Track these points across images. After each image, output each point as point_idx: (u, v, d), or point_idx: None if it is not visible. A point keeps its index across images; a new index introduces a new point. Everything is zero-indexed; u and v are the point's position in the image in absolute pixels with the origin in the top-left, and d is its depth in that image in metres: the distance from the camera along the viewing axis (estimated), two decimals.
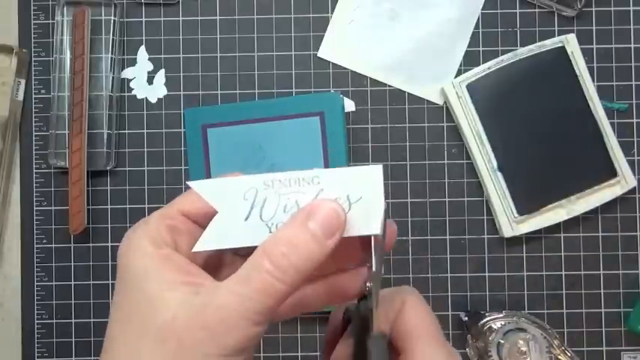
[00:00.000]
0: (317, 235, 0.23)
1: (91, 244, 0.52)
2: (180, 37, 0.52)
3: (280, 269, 0.23)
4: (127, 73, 0.53)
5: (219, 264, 0.28)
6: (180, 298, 0.23)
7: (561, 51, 0.50)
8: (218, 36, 0.52)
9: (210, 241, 0.25)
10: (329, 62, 0.52)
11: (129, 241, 0.26)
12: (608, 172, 0.50)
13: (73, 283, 0.52)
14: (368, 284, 0.26)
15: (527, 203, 0.50)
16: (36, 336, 0.52)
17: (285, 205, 0.25)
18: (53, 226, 0.52)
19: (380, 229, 0.25)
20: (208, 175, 0.51)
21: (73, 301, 0.52)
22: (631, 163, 0.50)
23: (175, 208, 0.27)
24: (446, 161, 0.52)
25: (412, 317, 0.27)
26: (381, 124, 0.52)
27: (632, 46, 0.52)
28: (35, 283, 0.52)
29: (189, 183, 0.26)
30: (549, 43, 0.50)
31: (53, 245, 0.52)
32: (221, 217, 0.25)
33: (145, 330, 0.24)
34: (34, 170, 0.52)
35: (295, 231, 0.24)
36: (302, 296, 0.27)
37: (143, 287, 0.24)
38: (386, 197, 0.25)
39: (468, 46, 0.52)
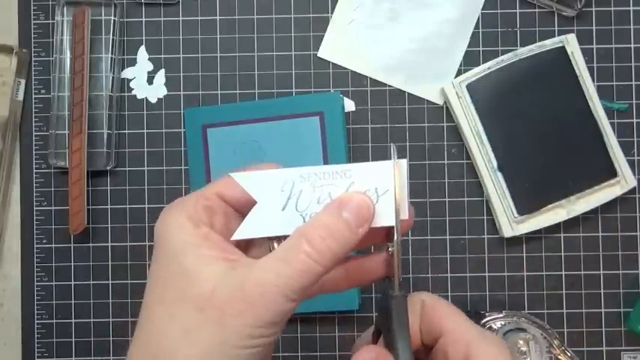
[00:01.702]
0: (350, 224, 0.26)
1: (91, 244, 0.52)
2: (180, 37, 0.52)
3: (318, 252, 0.25)
4: (127, 73, 0.53)
5: (249, 243, 0.29)
6: (218, 271, 0.25)
7: (561, 51, 0.50)
8: (218, 36, 0.52)
9: (249, 229, 0.28)
10: (329, 62, 0.52)
11: (168, 218, 0.27)
12: (608, 172, 0.50)
13: (73, 283, 0.52)
14: (390, 247, 0.28)
15: (527, 203, 0.50)
16: (36, 336, 0.52)
17: (318, 197, 0.28)
18: (53, 226, 0.52)
19: (406, 215, 0.27)
20: (208, 175, 0.51)
21: (73, 301, 0.52)
22: (631, 163, 0.50)
23: (213, 190, 0.28)
24: (446, 161, 0.52)
25: (444, 318, 0.28)
26: (381, 124, 0.52)
27: (632, 46, 0.52)
28: (35, 283, 0.52)
29: (231, 175, 0.28)
30: (549, 43, 0.50)
31: (53, 245, 0.52)
32: (260, 208, 0.28)
33: (183, 298, 0.25)
34: (34, 170, 0.52)
35: (332, 218, 0.26)
36: (324, 279, 0.28)
37: (182, 261, 0.26)
38: None
39: (468, 46, 0.52)
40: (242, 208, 0.29)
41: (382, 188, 0.27)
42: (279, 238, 0.28)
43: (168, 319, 0.26)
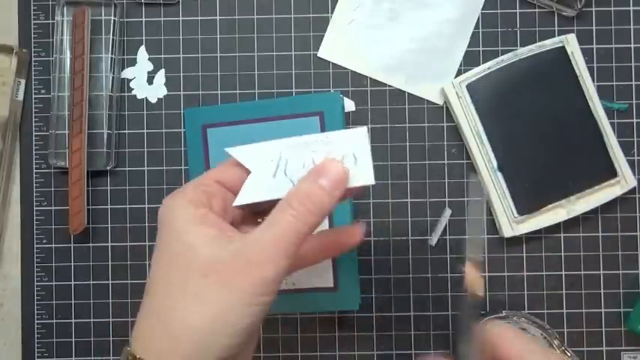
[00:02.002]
0: (326, 189, 0.30)
1: (91, 244, 0.52)
2: (180, 37, 0.52)
3: (301, 213, 0.29)
4: (127, 73, 0.53)
5: (242, 223, 0.33)
6: (219, 244, 0.29)
7: (561, 51, 0.50)
8: (218, 36, 0.52)
9: (246, 195, 0.32)
10: (329, 62, 0.52)
11: (171, 202, 0.31)
12: (608, 172, 0.50)
13: (73, 283, 0.52)
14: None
15: (527, 203, 0.50)
16: (36, 336, 0.52)
17: (303, 163, 0.32)
18: (53, 226, 0.52)
19: (373, 179, 0.31)
20: None
21: (73, 301, 0.52)
22: (631, 163, 0.50)
23: (211, 176, 0.32)
24: (446, 161, 0.52)
25: (515, 346, 0.29)
26: (381, 124, 0.52)
27: (632, 46, 0.52)
28: (35, 283, 0.52)
29: (227, 150, 0.32)
30: (549, 43, 0.50)
31: (53, 245, 0.52)
32: (254, 176, 0.32)
33: (189, 270, 0.29)
34: (34, 170, 0.52)
35: (310, 186, 0.30)
36: (304, 252, 0.32)
37: (185, 240, 0.29)
38: (386, 197, 0.28)
39: (468, 46, 0.52)
40: (239, 190, 0.32)
41: (358, 152, 0.31)
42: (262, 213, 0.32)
43: (177, 290, 0.29)
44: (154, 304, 0.30)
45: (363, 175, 0.31)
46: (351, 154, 0.31)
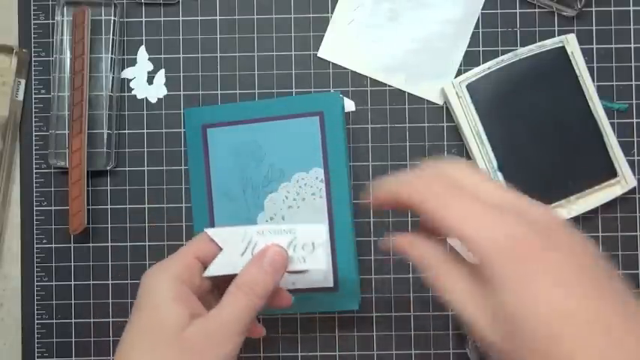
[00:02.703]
0: (270, 274, 0.35)
1: (91, 244, 0.52)
2: (180, 37, 0.52)
3: (251, 298, 0.34)
4: (127, 73, 0.53)
5: (208, 290, 0.38)
6: (190, 324, 0.33)
7: (561, 51, 0.50)
8: (218, 36, 0.52)
9: (216, 267, 0.37)
10: (329, 62, 0.52)
11: (152, 279, 0.35)
12: (608, 172, 0.50)
13: (73, 283, 0.52)
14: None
15: None
16: (36, 336, 0.52)
17: (269, 245, 0.37)
18: (53, 226, 0.52)
19: (324, 266, 0.37)
20: (208, 175, 0.51)
21: (73, 301, 0.52)
22: (631, 163, 0.50)
23: (190, 251, 0.36)
24: None
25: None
26: (381, 124, 0.52)
27: (632, 46, 0.52)
28: (35, 283, 0.52)
29: (206, 230, 0.37)
30: (549, 43, 0.50)
31: (53, 245, 0.52)
32: (225, 253, 0.37)
33: (161, 343, 0.33)
34: (34, 170, 0.52)
35: (257, 271, 0.35)
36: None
37: (162, 317, 0.33)
38: None
39: (468, 46, 0.52)
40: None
41: (317, 242, 0.37)
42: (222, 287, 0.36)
43: (148, 358, 0.33)
44: None
45: (316, 261, 0.37)
46: (310, 243, 0.37)
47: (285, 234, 0.37)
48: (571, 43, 0.50)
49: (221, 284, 0.37)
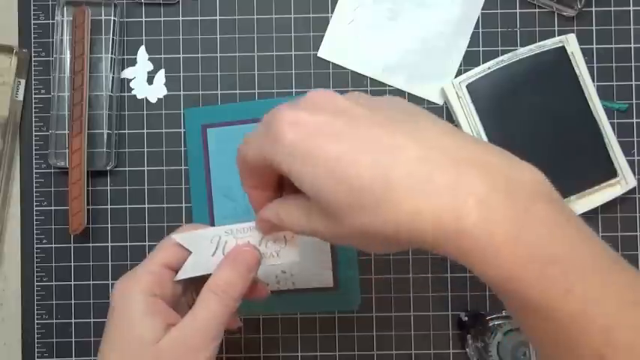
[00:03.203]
0: (243, 276, 0.35)
1: (90, 244, 0.52)
2: (180, 37, 0.52)
3: (224, 300, 0.34)
4: (127, 73, 0.53)
5: (180, 294, 0.38)
6: (164, 334, 0.34)
7: (561, 51, 0.50)
8: (218, 36, 0.52)
9: (187, 271, 0.36)
10: (329, 62, 0.52)
11: (124, 291, 0.35)
12: (608, 172, 0.50)
13: (73, 283, 0.52)
14: None
15: None
16: (36, 336, 0.52)
17: (240, 245, 0.36)
18: (53, 226, 0.52)
19: (297, 258, 0.36)
20: (208, 175, 0.51)
21: (72, 301, 0.52)
22: (631, 163, 0.50)
23: (157, 261, 0.36)
24: None
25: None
26: None
27: (632, 46, 0.52)
28: (35, 283, 0.52)
29: (173, 236, 0.37)
30: (549, 43, 0.50)
31: (53, 245, 0.52)
32: (194, 255, 0.36)
33: (135, 354, 0.33)
34: (34, 170, 0.52)
35: (230, 274, 0.35)
36: None
37: (136, 330, 0.34)
38: None
39: (468, 46, 0.52)
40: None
41: (288, 235, 0.36)
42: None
43: None
44: None
45: (288, 254, 0.37)
46: (282, 237, 0.36)
47: (254, 231, 0.36)
48: (571, 43, 0.50)
49: (196, 283, 0.37)
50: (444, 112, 0.52)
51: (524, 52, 0.50)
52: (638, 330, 0.25)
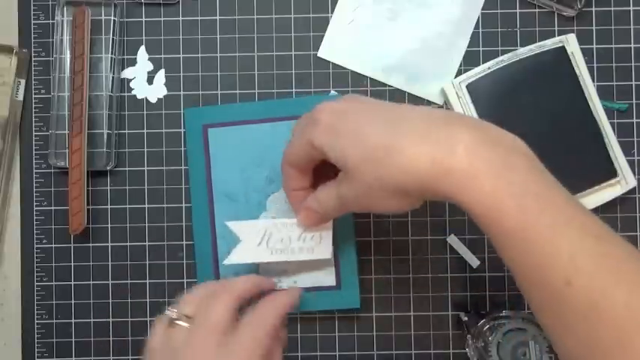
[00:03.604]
0: (280, 317, 0.39)
1: (91, 244, 0.52)
2: (180, 37, 0.52)
3: (259, 337, 0.37)
4: (127, 73, 0.53)
5: None
6: None
7: (561, 51, 0.50)
8: (218, 36, 0.52)
9: (235, 257, 0.44)
10: (329, 62, 0.52)
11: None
12: (608, 172, 0.50)
13: (73, 283, 0.52)
14: None
15: None
16: (36, 336, 0.52)
17: (282, 238, 0.43)
18: (53, 226, 0.52)
19: (330, 255, 0.45)
20: (208, 176, 0.51)
21: (73, 301, 0.52)
22: (631, 163, 0.50)
23: (235, 296, 0.39)
24: None
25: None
26: None
27: (632, 46, 0.52)
28: (35, 283, 0.52)
29: (227, 223, 0.44)
30: (549, 43, 0.50)
31: (53, 245, 0.52)
32: (243, 244, 0.44)
33: None
34: (34, 170, 0.52)
35: (268, 314, 0.39)
36: None
37: None
38: None
39: (468, 46, 0.52)
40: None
41: (323, 234, 0.43)
42: None
43: None
44: None
45: (322, 251, 0.44)
46: (318, 235, 0.43)
47: (294, 226, 0.43)
48: (571, 43, 0.50)
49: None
50: None
51: (524, 52, 0.50)
52: (598, 258, 0.30)
